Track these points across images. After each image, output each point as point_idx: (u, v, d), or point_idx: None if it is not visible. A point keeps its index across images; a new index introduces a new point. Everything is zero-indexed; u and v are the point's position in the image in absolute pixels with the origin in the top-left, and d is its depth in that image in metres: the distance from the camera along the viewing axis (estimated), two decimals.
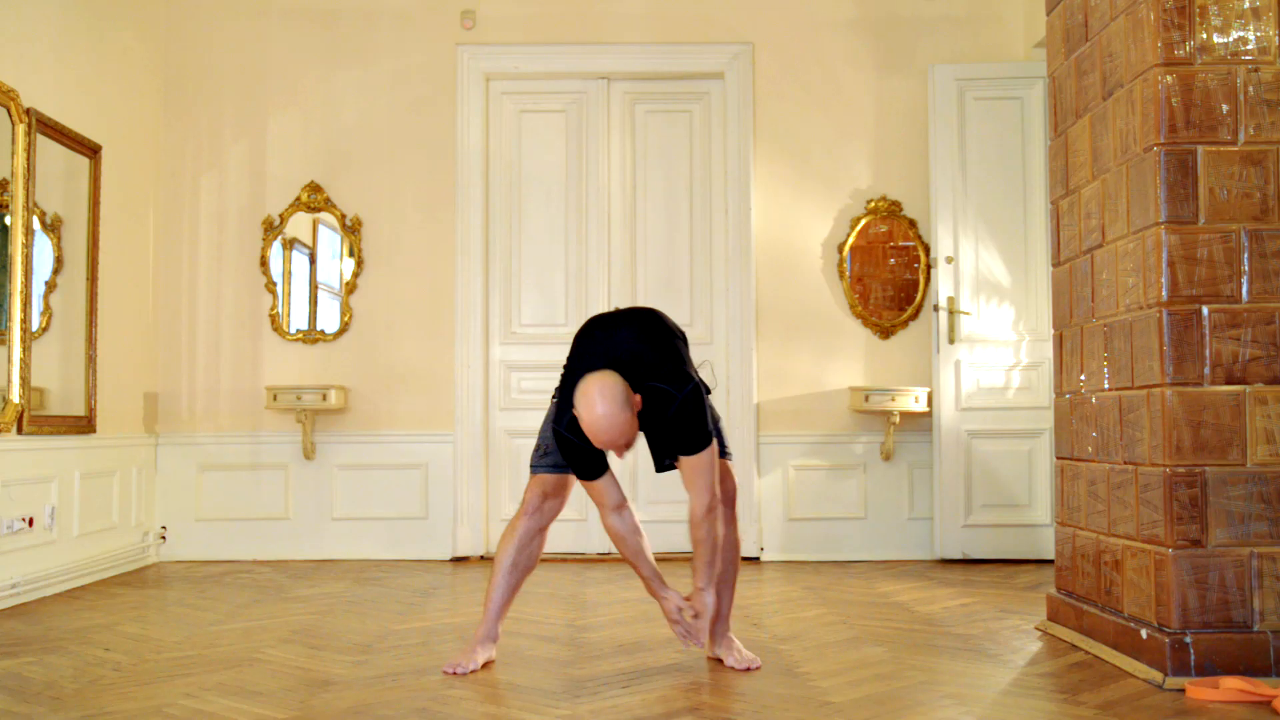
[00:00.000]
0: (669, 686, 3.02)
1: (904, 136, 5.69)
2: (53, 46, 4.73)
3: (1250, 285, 3.06)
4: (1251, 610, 3.00)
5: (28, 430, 4.43)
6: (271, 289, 5.67)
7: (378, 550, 5.58)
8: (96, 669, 3.23)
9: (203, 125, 5.73)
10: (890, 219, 5.67)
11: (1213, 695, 2.84)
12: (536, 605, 4.25)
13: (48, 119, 4.60)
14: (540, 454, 3.25)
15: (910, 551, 5.56)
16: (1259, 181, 3.08)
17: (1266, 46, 3.10)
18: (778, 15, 5.74)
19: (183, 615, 4.13)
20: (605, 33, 5.74)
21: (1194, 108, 3.10)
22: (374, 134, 5.72)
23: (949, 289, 5.43)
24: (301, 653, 3.44)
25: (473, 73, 5.72)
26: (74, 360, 4.91)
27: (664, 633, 3.72)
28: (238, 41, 5.74)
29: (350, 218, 5.69)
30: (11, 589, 4.28)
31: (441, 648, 3.49)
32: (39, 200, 4.59)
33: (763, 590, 4.69)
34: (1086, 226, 3.56)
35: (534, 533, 3.26)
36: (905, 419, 5.54)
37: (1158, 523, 3.09)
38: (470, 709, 2.80)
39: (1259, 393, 3.04)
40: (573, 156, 5.76)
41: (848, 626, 3.84)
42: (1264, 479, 3.02)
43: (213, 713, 2.76)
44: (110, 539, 5.10)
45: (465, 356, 5.63)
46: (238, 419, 5.63)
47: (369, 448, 5.62)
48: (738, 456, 5.58)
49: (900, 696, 2.92)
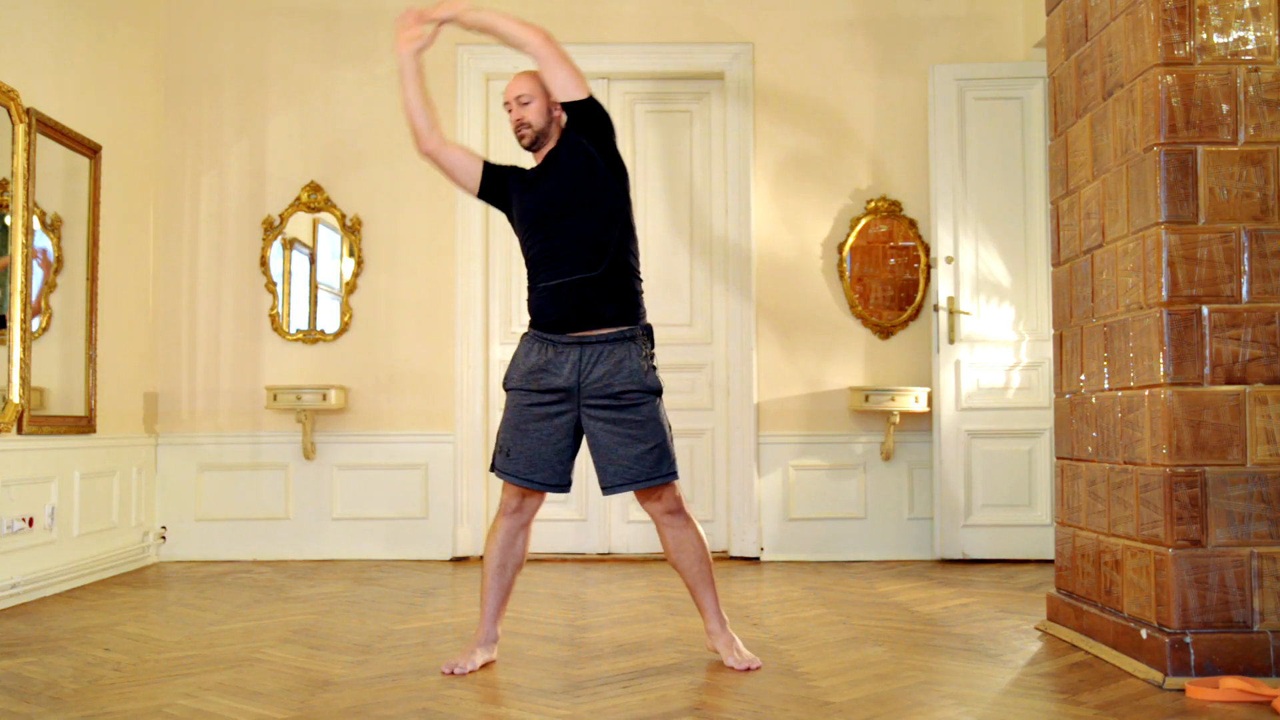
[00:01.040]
0: (669, 686, 3.02)
1: (904, 136, 5.69)
2: (53, 46, 4.73)
3: (1250, 285, 3.06)
4: (1251, 610, 3.00)
5: (28, 430, 4.43)
6: (271, 289, 5.67)
7: (378, 550, 5.59)
8: (96, 669, 3.23)
9: (203, 125, 5.73)
10: (890, 219, 5.67)
11: (1213, 695, 2.84)
12: (536, 605, 4.25)
13: (48, 119, 4.60)
14: (504, 455, 3.22)
15: (910, 551, 5.56)
16: (1259, 181, 3.08)
17: (1266, 46, 3.10)
18: (778, 15, 5.74)
19: (183, 615, 4.13)
20: (605, 33, 5.74)
21: (1194, 108, 3.10)
22: (374, 134, 5.72)
23: (949, 289, 5.43)
24: (301, 653, 3.44)
25: (473, 73, 5.72)
26: (74, 360, 4.91)
27: (664, 632, 3.73)
28: (238, 41, 5.74)
29: (350, 218, 5.69)
30: (11, 589, 4.28)
31: (441, 648, 3.49)
32: (39, 200, 4.59)
33: (763, 590, 4.69)
34: (1086, 226, 3.56)
35: (516, 531, 3.26)
36: (905, 419, 5.54)
37: (1158, 523, 3.09)
38: (470, 709, 2.80)
39: (1259, 393, 3.04)
40: None
41: (848, 626, 3.85)
42: (1264, 479, 3.02)
43: (213, 713, 2.76)
44: (110, 539, 5.10)
45: (465, 356, 5.63)
46: (238, 419, 5.63)
47: (369, 448, 5.62)
48: (738, 456, 5.59)
49: (900, 696, 2.92)
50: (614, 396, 3.15)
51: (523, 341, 3.26)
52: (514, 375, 3.24)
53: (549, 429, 3.19)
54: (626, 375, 3.15)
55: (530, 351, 3.22)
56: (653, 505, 3.25)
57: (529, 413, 3.20)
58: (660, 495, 3.23)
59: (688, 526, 3.27)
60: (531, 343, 3.23)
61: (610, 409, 3.16)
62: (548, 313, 3.19)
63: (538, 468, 3.19)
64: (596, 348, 3.16)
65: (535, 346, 3.21)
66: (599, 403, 3.16)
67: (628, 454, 3.16)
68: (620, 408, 3.16)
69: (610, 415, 3.16)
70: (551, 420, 3.19)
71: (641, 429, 3.16)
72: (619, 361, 3.16)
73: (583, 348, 3.16)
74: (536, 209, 3.24)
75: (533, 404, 3.20)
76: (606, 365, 3.15)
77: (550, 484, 3.21)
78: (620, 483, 3.18)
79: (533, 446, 3.19)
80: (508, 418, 3.25)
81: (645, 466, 3.16)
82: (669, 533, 3.27)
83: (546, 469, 3.20)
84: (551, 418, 3.19)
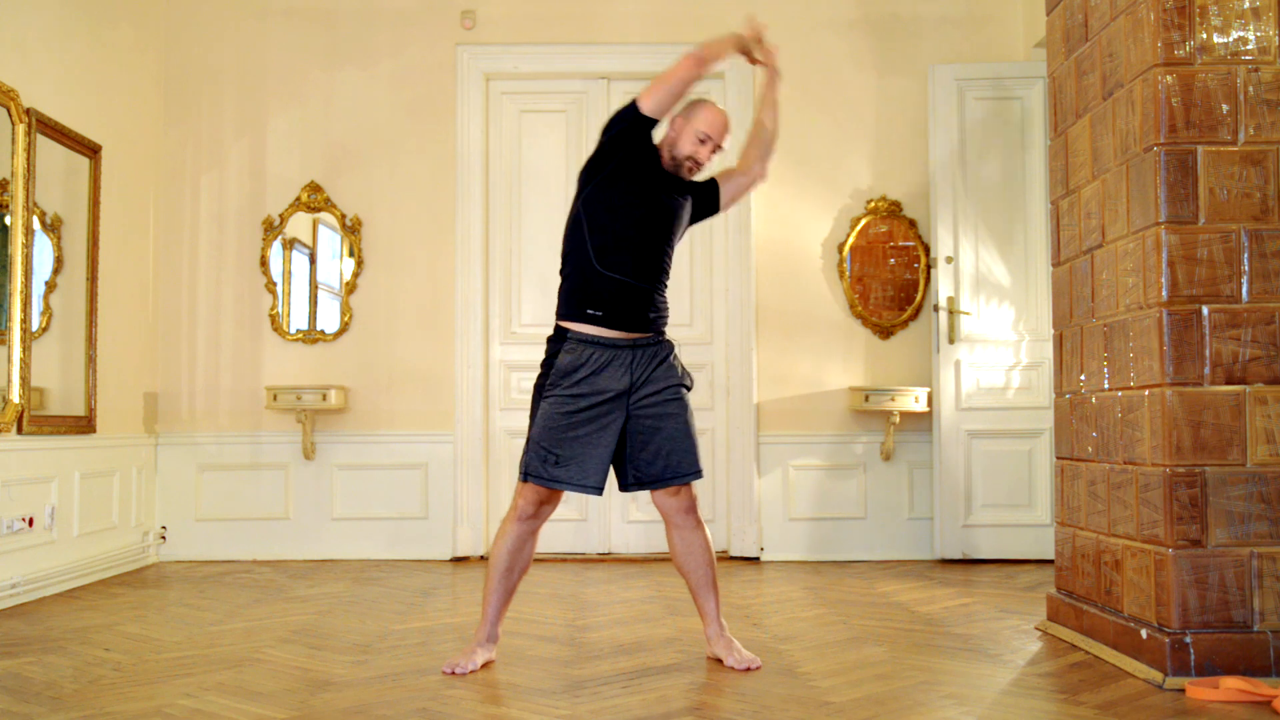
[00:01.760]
0: (669, 686, 3.02)
1: (904, 136, 5.69)
2: (53, 46, 4.73)
3: (1250, 285, 3.06)
4: (1251, 610, 3.00)
5: (28, 430, 4.43)
6: (271, 289, 5.67)
7: (378, 550, 5.59)
8: (96, 669, 3.23)
9: (203, 125, 5.73)
10: (890, 219, 5.67)
11: (1213, 695, 2.84)
12: (536, 605, 4.25)
13: (48, 119, 4.60)
14: (552, 463, 3.13)
15: (910, 551, 5.56)
16: (1259, 181, 3.08)
17: (1266, 46, 3.10)
18: (778, 15, 5.72)
19: (183, 615, 4.13)
20: (605, 33, 5.74)
21: (1194, 108, 3.09)
22: (374, 134, 5.72)
23: (949, 289, 5.43)
24: (301, 653, 3.44)
25: (473, 73, 5.72)
26: (74, 360, 4.91)
27: (664, 632, 3.73)
28: (238, 41, 5.74)
29: (350, 218, 5.69)
30: (11, 589, 4.28)
31: (441, 648, 3.49)
32: (39, 200, 4.59)
33: (763, 590, 4.69)
34: (1086, 226, 3.56)
35: (527, 536, 3.24)
36: (905, 419, 5.54)
37: (1158, 523, 3.09)
38: (470, 709, 2.80)
39: (1259, 393, 3.04)
40: (573, 157, 5.75)
41: (847, 626, 3.84)
42: (1264, 479, 3.02)
43: (213, 713, 2.76)
44: (110, 539, 5.10)
45: (465, 356, 5.63)
46: (238, 419, 5.63)
47: (369, 448, 5.62)
48: (738, 456, 5.59)
49: (900, 696, 2.92)
50: (661, 393, 3.21)
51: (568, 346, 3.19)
52: (563, 381, 3.17)
53: (599, 430, 3.17)
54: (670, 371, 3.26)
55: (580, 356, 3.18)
56: (671, 502, 3.26)
57: (580, 415, 3.16)
58: (679, 491, 3.25)
59: (698, 528, 3.28)
60: (580, 347, 3.18)
61: (659, 404, 3.20)
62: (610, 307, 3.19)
63: (589, 472, 3.16)
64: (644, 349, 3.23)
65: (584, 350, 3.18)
66: (649, 401, 3.20)
67: (675, 449, 3.20)
68: (666, 401, 3.21)
69: (659, 411, 3.20)
70: (603, 422, 3.17)
71: (686, 422, 3.24)
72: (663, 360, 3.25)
73: (635, 350, 3.21)
74: (649, 204, 3.27)
75: (584, 408, 3.16)
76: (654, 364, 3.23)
77: (598, 487, 3.19)
78: (670, 477, 3.20)
79: (584, 450, 3.15)
80: (553, 424, 3.15)
81: (690, 460, 3.22)
82: (679, 533, 3.28)
83: (596, 472, 3.17)
84: (603, 419, 3.17)
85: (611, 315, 3.17)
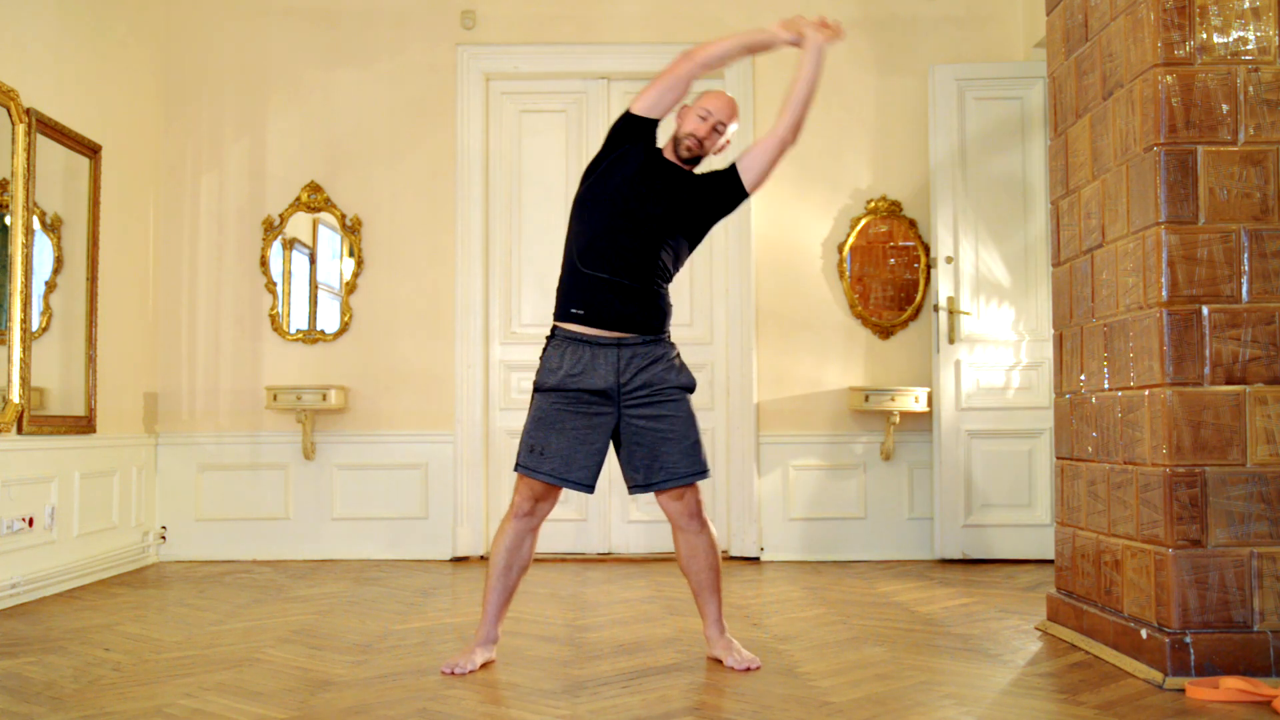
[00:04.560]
0: (669, 686, 3.02)
1: (904, 136, 5.69)
2: (53, 46, 4.73)
3: (1250, 285, 3.06)
4: (1251, 610, 3.00)
5: (28, 430, 4.43)
6: (271, 289, 5.67)
7: (378, 550, 5.59)
8: (96, 669, 3.23)
9: (203, 125, 5.73)
10: (890, 219, 5.67)
11: (1213, 695, 2.84)
12: (536, 605, 4.25)
13: (48, 119, 4.60)
14: (537, 455, 3.17)
15: (910, 551, 5.56)
16: (1259, 181, 3.08)
17: (1266, 46, 3.10)
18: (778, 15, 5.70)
19: (183, 615, 4.13)
20: (605, 33, 5.74)
21: (1194, 108, 3.10)
22: (374, 134, 5.72)
23: (949, 289, 5.43)
24: (301, 653, 3.44)
25: (473, 73, 5.72)
26: (74, 360, 4.91)
27: (664, 632, 3.73)
28: (238, 41, 5.74)
29: (350, 218, 5.69)
30: (11, 589, 4.28)
31: (441, 648, 3.49)
32: (39, 200, 4.59)
33: (763, 590, 4.69)
34: (1086, 226, 3.56)
35: (525, 534, 3.24)
36: (905, 419, 5.54)
37: (1158, 523, 3.09)
38: (470, 709, 2.80)
39: (1259, 393, 3.04)
40: (573, 157, 5.76)
41: (848, 626, 3.84)
42: (1264, 479, 3.02)
43: (213, 713, 2.76)
44: (110, 539, 5.10)
45: (465, 356, 5.63)
46: (238, 419, 5.63)
47: (369, 447, 5.62)
48: (738, 456, 5.59)
49: (900, 696, 2.92)
50: (653, 394, 3.19)
51: (554, 344, 3.22)
52: (549, 378, 3.19)
53: (587, 427, 3.18)
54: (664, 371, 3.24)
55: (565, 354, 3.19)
56: (674, 505, 3.25)
57: (566, 411, 3.17)
58: (683, 495, 3.24)
59: (703, 532, 3.28)
60: (566, 344, 3.20)
61: (650, 405, 3.19)
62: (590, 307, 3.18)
63: (572, 466, 3.17)
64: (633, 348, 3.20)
65: (570, 348, 3.19)
66: (640, 401, 3.18)
67: (671, 451, 3.19)
68: (660, 403, 3.19)
69: (652, 413, 3.19)
70: (590, 419, 3.18)
71: (683, 424, 3.21)
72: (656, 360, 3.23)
73: (621, 349, 3.19)
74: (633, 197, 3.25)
75: (570, 404, 3.17)
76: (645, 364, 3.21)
77: (584, 483, 3.19)
78: (664, 480, 3.19)
79: (569, 445, 3.17)
80: (541, 417, 3.19)
81: (688, 462, 3.20)
82: (684, 537, 3.27)
83: (581, 468, 3.17)
84: (591, 417, 3.18)
85: (593, 313, 3.17)
